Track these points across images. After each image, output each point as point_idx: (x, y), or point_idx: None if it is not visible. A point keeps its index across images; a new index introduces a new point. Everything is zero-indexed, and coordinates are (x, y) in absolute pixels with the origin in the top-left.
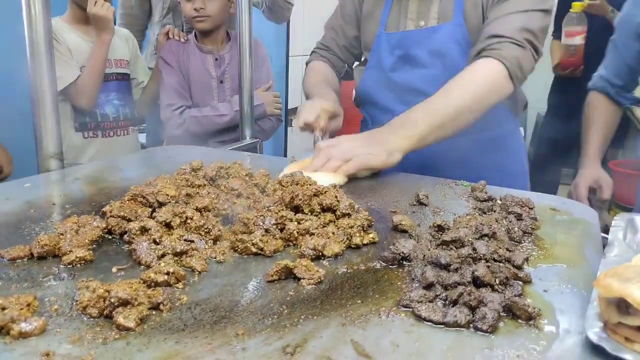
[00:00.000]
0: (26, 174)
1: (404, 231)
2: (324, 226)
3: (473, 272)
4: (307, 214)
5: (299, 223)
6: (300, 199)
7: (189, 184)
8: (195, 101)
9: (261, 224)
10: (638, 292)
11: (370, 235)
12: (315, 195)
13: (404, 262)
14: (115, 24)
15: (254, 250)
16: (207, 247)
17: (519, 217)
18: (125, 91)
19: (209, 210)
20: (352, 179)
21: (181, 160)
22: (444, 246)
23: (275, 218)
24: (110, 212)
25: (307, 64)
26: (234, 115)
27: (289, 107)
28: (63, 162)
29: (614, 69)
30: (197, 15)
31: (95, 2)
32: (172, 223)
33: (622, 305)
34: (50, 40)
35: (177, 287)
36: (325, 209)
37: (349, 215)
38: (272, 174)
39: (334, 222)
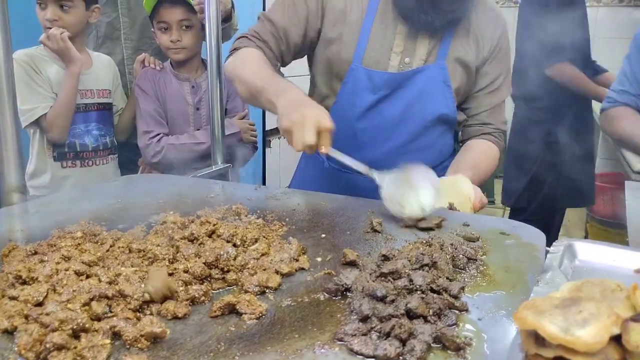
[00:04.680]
0: None
1: (353, 262)
2: (257, 259)
3: (407, 304)
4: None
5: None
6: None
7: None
8: (171, 128)
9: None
10: (549, 325)
11: (298, 263)
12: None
13: (347, 294)
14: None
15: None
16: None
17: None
18: (106, 120)
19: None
20: (313, 203)
21: (146, 190)
22: (382, 278)
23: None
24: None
25: (234, 49)
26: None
27: (266, 128)
28: (26, 195)
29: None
30: (173, 47)
31: (48, 36)
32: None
33: (539, 337)
34: (11, 74)
35: None
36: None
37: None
38: (234, 202)
39: (267, 254)
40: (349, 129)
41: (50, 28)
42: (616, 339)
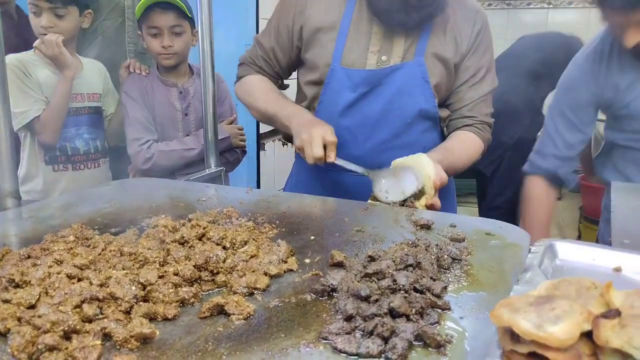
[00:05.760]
0: None
1: (340, 263)
2: (246, 261)
3: (390, 304)
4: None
5: (224, 262)
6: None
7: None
8: (160, 134)
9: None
10: (523, 322)
11: (287, 265)
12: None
13: (334, 294)
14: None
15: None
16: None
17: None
18: (97, 124)
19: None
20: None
21: (140, 194)
22: (367, 278)
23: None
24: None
25: (239, 77)
26: (201, 148)
27: (260, 131)
28: (20, 200)
29: (566, 144)
30: (164, 53)
31: (43, 42)
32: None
33: (514, 334)
34: (5, 80)
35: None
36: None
37: (270, 249)
38: (226, 205)
39: (256, 256)
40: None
41: (45, 34)
42: (587, 335)
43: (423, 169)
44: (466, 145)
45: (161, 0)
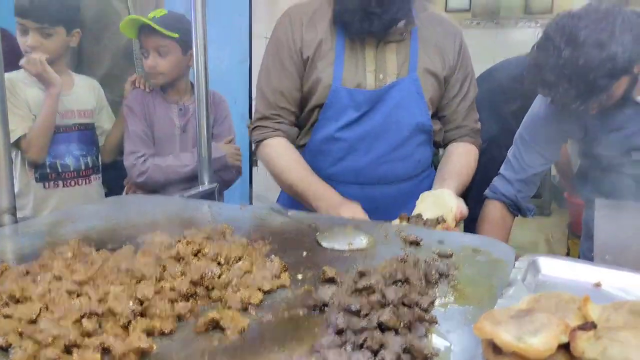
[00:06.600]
0: None
1: (331, 279)
2: (240, 277)
3: (379, 318)
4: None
5: (219, 277)
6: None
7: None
8: (158, 149)
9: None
10: (504, 334)
11: (280, 280)
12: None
13: (325, 309)
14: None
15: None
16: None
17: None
18: (88, 141)
19: None
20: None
21: (135, 210)
22: (357, 293)
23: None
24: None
25: (257, 141)
26: (195, 166)
27: (253, 148)
28: (16, 217)
29: (533, 170)
30: (150, 72)
31: (28, 60)
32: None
33: (497, 345)
34: (3, 98)
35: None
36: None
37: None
38: (220, 221)
39: (250, 271)
40: (331, 142)
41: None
42: (565, 347)
43: (445, 201)
44: (469, 160)
45: (143, 23)
